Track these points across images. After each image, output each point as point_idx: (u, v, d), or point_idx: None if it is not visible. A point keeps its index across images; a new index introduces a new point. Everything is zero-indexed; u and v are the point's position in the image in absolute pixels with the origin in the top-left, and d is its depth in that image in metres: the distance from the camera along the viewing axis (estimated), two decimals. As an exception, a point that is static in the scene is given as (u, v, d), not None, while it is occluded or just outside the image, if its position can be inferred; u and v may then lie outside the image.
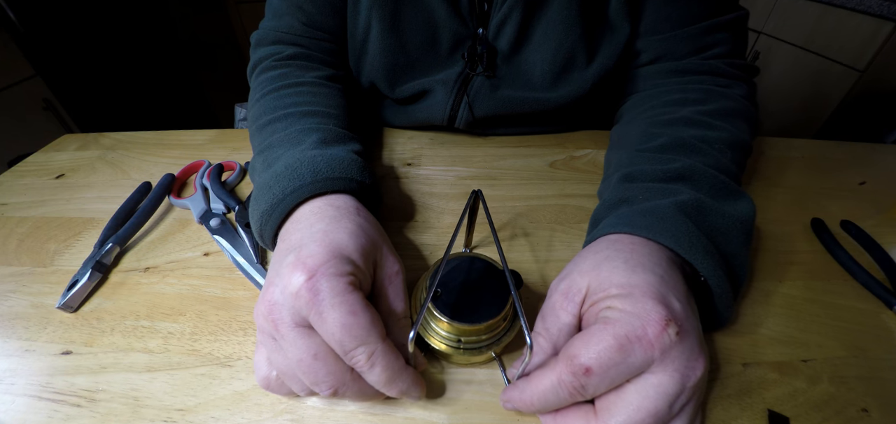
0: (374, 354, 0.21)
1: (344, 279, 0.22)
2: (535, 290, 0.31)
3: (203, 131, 0.53)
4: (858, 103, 1.27)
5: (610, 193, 0.32)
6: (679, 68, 0.41)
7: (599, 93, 0.46)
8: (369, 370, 0.21)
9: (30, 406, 0.25)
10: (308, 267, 0.21)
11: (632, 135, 0.38)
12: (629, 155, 0.35)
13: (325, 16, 0.46)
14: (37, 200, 0.42)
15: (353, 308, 0.21)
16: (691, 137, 0.33)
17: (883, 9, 1.12)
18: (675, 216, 0.26)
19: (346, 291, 0.21)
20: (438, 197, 0.41)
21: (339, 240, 0.24)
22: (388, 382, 0.21)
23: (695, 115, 0.35)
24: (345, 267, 0.22)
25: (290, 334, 0.21)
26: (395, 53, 0.45)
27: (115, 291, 0.32)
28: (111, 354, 0.27)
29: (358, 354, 0.21)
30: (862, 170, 0.45)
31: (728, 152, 0.33)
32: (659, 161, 0.32)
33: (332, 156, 0.30)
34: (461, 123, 0.48)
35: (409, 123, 0.52)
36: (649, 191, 0.29)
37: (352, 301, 0.21)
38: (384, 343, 0.21)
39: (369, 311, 0.22)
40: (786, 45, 1.43)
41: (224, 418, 0.24)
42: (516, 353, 0.27)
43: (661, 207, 0.26)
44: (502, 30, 0.43)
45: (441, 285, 0.25)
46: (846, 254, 0.33)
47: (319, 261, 0.22)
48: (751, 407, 0.24)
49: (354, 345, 0.21)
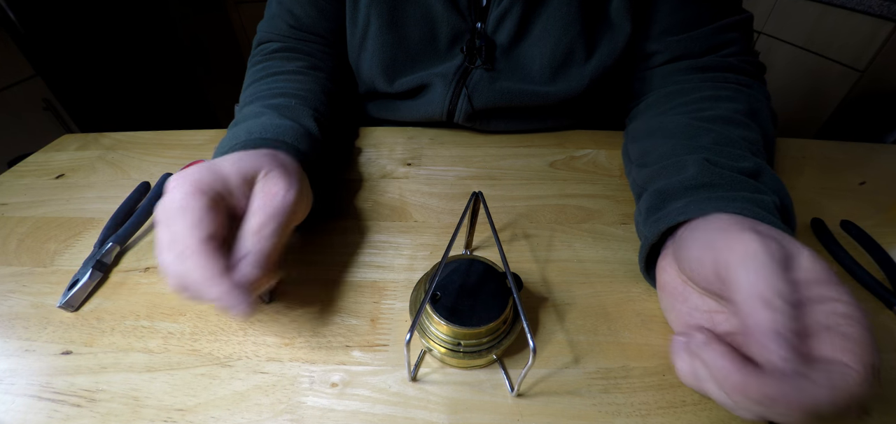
0: (187, 248, 0.22)
1: (196, 184, 0.23)
2: (536, 292, 0.31)
3: (203, 131, 0.53)
4: (858, 103, 1.27)
5: (694, 171, 0.30)
6: (700, 65, 0.42)
7: (599, 91, 0.46)
8: (182, 264, 0.22)
9: (30, 406, 0.25)
10: (177, 175, 0.25)
11: (673, 128, 0.36)
12: (684, 145, 0.33)
13: (313, 20, 0.48)
14: (37, 200, 0.42)
15: (186, 204, 0.23)
16: (737, 137, 0.33)
17: (883, 9, 1.12)
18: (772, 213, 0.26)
19: (190, 191, 0.23)
20: (438, 197, 0.41)
21: (220, 162, 0.26)
22: (202, 283, 0.22)
23: (731, 114, 0.36)
24: (205, 175, 0.24)
25: (158, 228, 0.24)
26: (394, 48, 0.46)
27: (115, 291, 0.32)
28: (111, 354, 0.27)
29: (175, 245, 0.22)
30: (862, 170, 0.45)
31: (764, 154, 0.33)
32: (727, 155, 0.31)
33: (271, 124, 0.33)
34: (460, 117, 0.48)
35: (408, 119, 0.52)
36: (735, 182, 0.28)
37: (189, 199, 0.23)
38: (201, 243, 0.22)
39: (200, 211, 0.23)
40: (786, 45, 1.43)
41: (224, 418, 0.24)
42: (517, 356, 0.27)
43: (764, 202, 0.26)
44: (502, 24, 0.43)
45: (440, 288, 0.25)
46: (846, 254, 0.33)
47: (187, 171, 0.24)
48: (751, 407, 0.24)
49: (174, 238, 0.22)
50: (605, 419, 0.24)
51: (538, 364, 0.26)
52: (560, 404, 0.24)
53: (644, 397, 0.25)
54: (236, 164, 0.26)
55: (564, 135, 0.51)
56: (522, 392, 0.25)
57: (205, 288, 0.22)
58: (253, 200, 0.26)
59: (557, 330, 0.28)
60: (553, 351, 0.27)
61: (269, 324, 0.29)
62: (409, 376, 0.25)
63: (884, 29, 1.14)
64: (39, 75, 1.29)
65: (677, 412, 0.24)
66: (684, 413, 0.24)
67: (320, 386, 0.25)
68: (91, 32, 1.44)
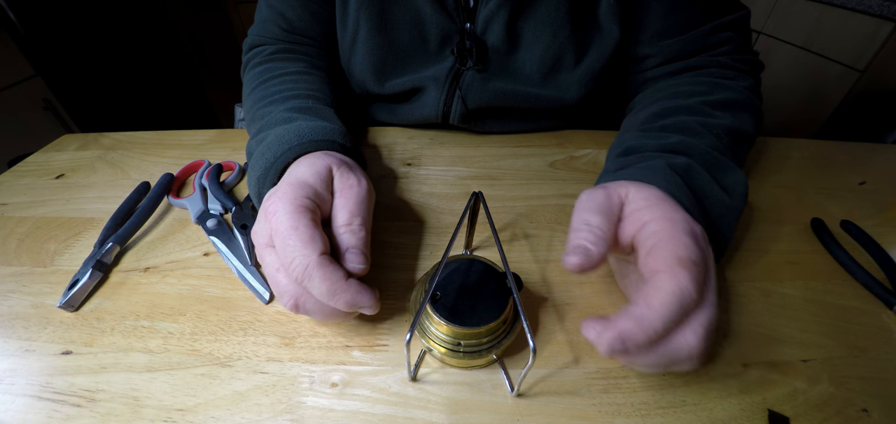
0: (308, 266, 0.22)
1: (295, 202, 0.24)
2: (536, 292, 0.31)
3: (203, 131, 0.53)
4: (858, 103, 1.27)
5: (609, 164, 0.34)
6: (691, 65, 0.42)
7: (591, 94, 0.46)
8: (309, 281, 0.23)
9: (30, 406, 0.25)
10: (272, 195, 0.26)
11: (634, 123, 0.39)
12: (632, 134, 0.36)
13: (306, 23, 0.48)
14: (37, 200, 0.42)
15: (294, 223, 0.23)
16: (692, 122, 0.34)
17: (883, 9, 1.12)
18: (666, 171, 0.28)
19: (293, 211, 0.24)
20: (438, 197, 0.41)
21: (299, 172, 0.27)
22: (329, 293, 0.23)
23: (697, 105, 0.36)
24: (298, 191, 0.25)
25: (262, 253, 0.25)
26: (384, 51, 0.46)
27: (115, 291, 0.32)
28: (111, 354, 0.27)
29: (295, 265, 0.23)
30: (862, 170, 0.45)
31: (725, 138, 0.34)
32: (657, 138, 0.33)
33: (316, 126, 0.33)
34: (455, 118, 0.48)
35: (404, 123, 0.52)
36: (645, 158, 0.31)
37: (296, 218, 0.24)
38: (320, 256, 0.23)
39: (310, 228, 0.24)
40: (786, 45, 1.43)
41: (224, 418, 0.24)
42: (517, 356, 0.27)
43: (654, 165, 0.29)
44: (490, 26, 0.43)
45: (440, 288, 0.25)
46: (846, 254, 0.33)
47: (281, 190, 0.25)
48: (751, 407, 0.24)
49: (291, 257, 0.23)
50: (605, 419, 0.24)
51: (538, 364, 0.26)
52: (560, 404, 0.24)
53: (644, 397, 0.25)
54: (312, 171, 0.27)
55: (564, 135, 0.51)
56: (522, 392, 0.25)
57: (334, 297, 0.23)
58: (335, 199, 0.27)
59: (557, 330, 0.28)
60: (553, 350, 0.27)
61: (269, 324, 0.29)
62: (409, 376, 0.25)
63: (884, 29, 1.14)
64: (39, 75, 1.29)
65: (677, 412, 0.24)
66: (684, 413, 0.24)
67: (320, 386, 0.25)
68: (91, 32, 1.44)
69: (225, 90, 2.09)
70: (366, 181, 0.29)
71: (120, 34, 1.54)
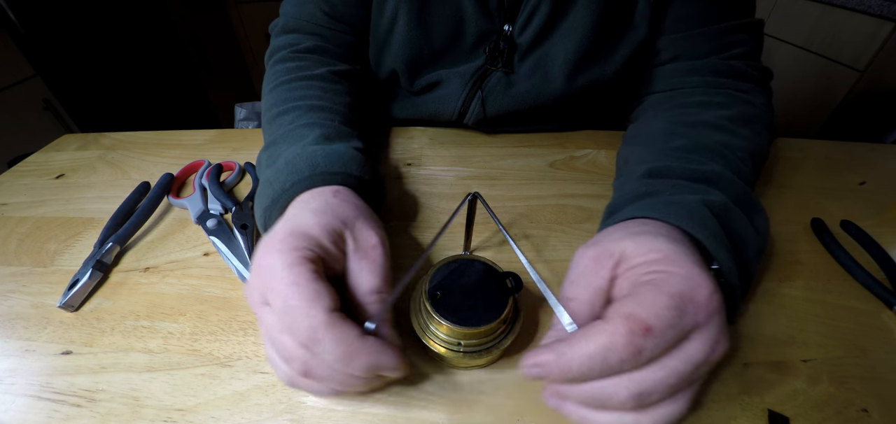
0: (316, 327, 0.19)
1: (294, 252, 0.21)
2: (536, 292, 0.31)
3: (203, 131, 0.53)
4: (858, 103, 1.27)
5: (633, 186, 0.31)
6: (699, 67, 0.41)
7: (615, 88, 0.45)
8: (317, 345, 0.19)
9: (30, 406, 0.25)
10: (266, 247, 0.22)
11: (653, 133, 0.38)
12: (652, 152, 0.35)
13: (349, 6, 0.46)
14: (37, 200, 0.42)
15: (294, 277, 0.20)
16: (715, 143, 0.33)
17: (883, 9, 1.12)
18: (703, 211, 0.26)
19: (292, 263, 0.21)
20: (438, 197, 0.41)
21: (302, 220, 0.24)
22: (345, 358, 0.19)
23: (718, 120, 0.35)
24: (299, 243, 0.22)
25: (260, 312, 0.22)
26: (420, 45, 0.45)
27: (115, 291, 0.32)
28: (111, 354, 0.27)
29: (300, 327, 0.19)
30: (862, 170, 0.45)
31: (748, 162, 0.33)
32: (686, 160, 0.31)
33: (331, 152, 0.31)
34: (471, 119, 0.47)
35: (418, 115, 0.51)
36: (676, 188, 0.29)
37: (295, 272, 0.20)
38: (328, 315, 0.20)
39: (313, 281, 0.20)
40: (786, 44, 1.43)
41: (224, 418, 0.24)
42: (517, 356, 0.27)
43: (690, 201, 0.26)
44: (530, 22, 0.43)
45: (440, 288, 0.25)
46: (846, 254, 0.33)
47: (277, 240, 0.22)
48: (751, 407, 0.24)
49: (293, 317, 0.20)
50: (605, 419, 0.24)
51: (538, 364, 0.26)
52: (560, 404, 0.24)
53: (644, 397, 0.25)
54: (320, 222, 0.24)
55: (564, 135, 0.51)
56: (522, 391, 0.25)
57: (351, 361, 0.19)
58: (353, 260, 0.24)
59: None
60: (553, 350, 0.27)
61: (269, 324, 0.29)
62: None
63: (884, 29, 1.14)
64: (39, 75, 1.29)
65: (677, 412, 0.24)
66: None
67: (320, 386, 0.25)
68: (91, 32, 1.44)
69: (225, 90, 2.09)
70: (384, 234, 0.27)
71: (120, 34, 1.54)
